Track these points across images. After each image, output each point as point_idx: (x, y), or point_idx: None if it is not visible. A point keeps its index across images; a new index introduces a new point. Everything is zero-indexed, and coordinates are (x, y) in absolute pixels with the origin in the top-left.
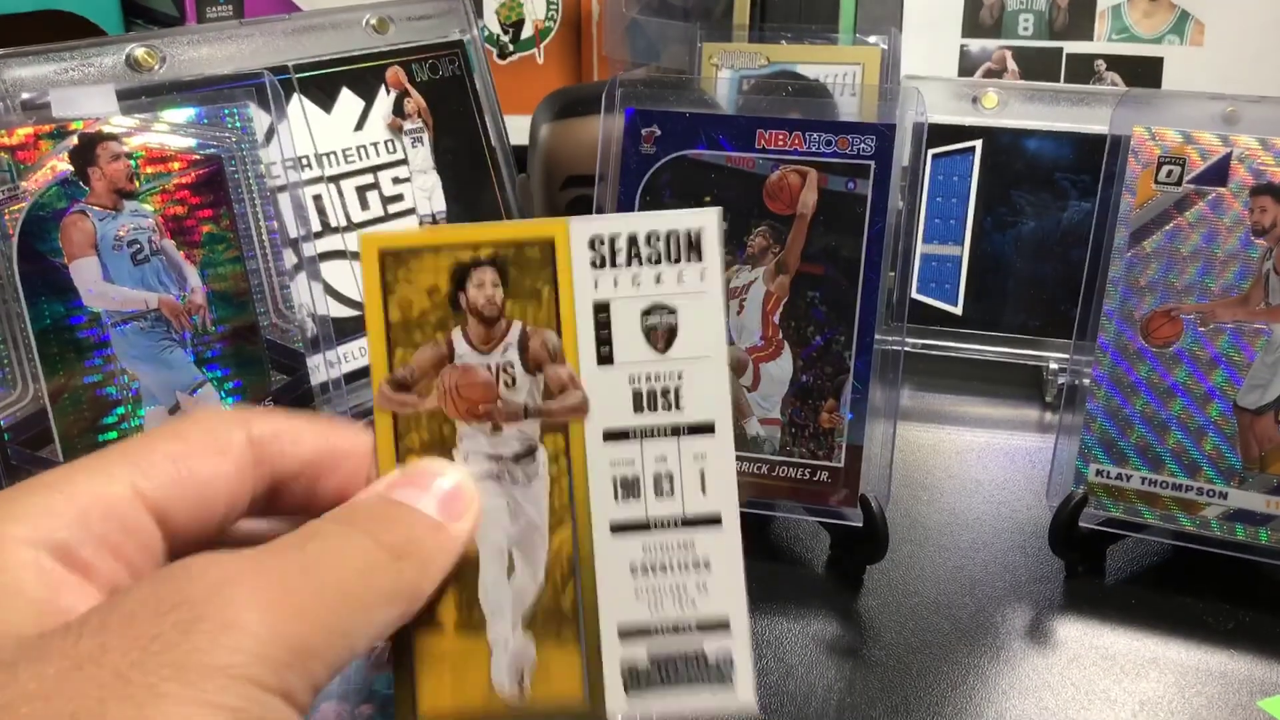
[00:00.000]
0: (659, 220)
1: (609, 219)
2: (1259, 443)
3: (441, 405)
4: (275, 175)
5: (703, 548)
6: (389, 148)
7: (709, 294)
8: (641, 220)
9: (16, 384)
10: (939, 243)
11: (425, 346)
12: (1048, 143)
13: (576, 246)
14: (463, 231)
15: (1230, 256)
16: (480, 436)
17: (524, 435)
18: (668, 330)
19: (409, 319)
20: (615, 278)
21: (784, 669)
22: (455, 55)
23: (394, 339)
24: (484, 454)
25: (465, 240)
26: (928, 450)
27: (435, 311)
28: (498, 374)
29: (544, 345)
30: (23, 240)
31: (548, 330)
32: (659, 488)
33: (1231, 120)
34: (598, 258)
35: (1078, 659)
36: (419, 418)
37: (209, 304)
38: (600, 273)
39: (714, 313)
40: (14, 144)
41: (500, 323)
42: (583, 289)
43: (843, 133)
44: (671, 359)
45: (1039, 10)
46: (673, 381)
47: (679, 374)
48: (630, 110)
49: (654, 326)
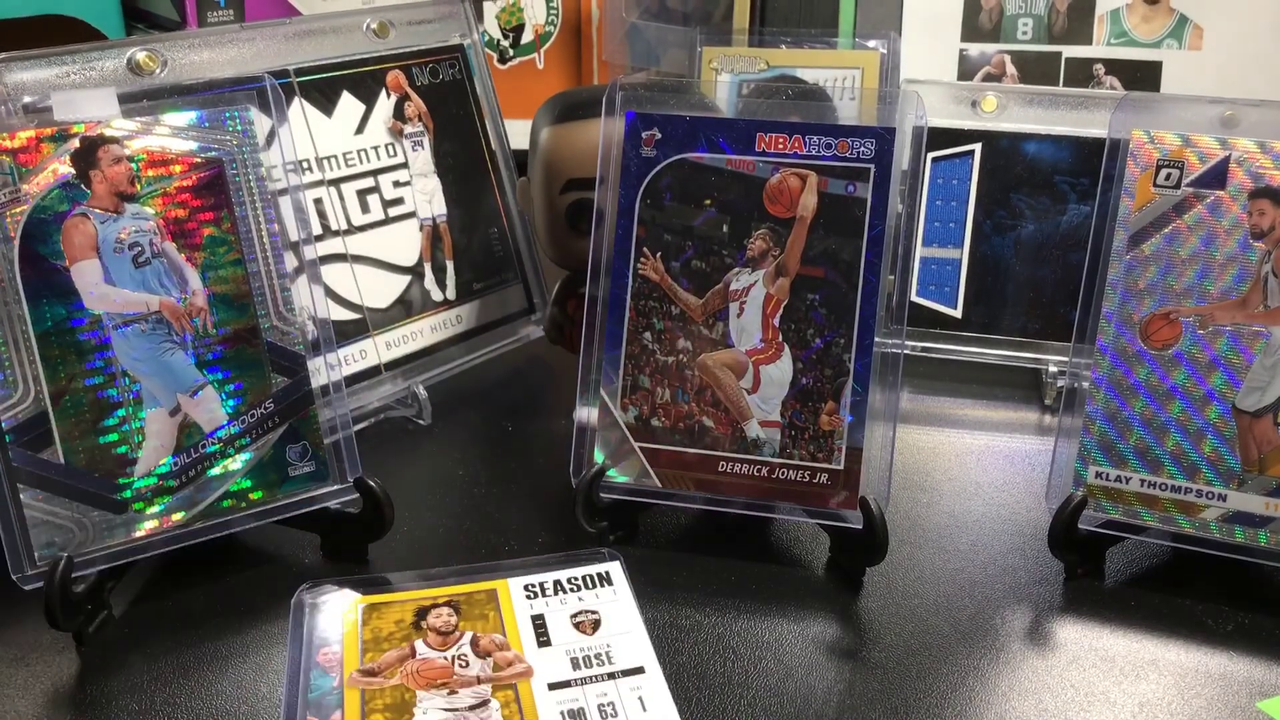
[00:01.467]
0: (575, 570)
1: (538, 575)
2: (1258, 445)
3: (404, 682)
4: (276, 178)
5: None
6: (389, 151)
7: (621, 599)
8: (563, 571)
9: (18, 386)
10: (938, 246)
11: (391, 651)
12: (1047, 146)
13: (515, 590)
14: (425, 591)
15: (1229, 259)
16: (438, 698)
17: (477, 693)
18: (593, 623)
19: (379, 637)
20: (546, 602)
21: (783, 671)
22: (456, 59)
23: (365, 648)
24: (440, 709)
25: (427, 594)
26: (927, 452)
27: (400, 631)
28: (454, 661)
29: (492, 641)
30: (24, 243)
31: (494, 634)
32: (603, 713)
33: (1230, 124)
34: (531, 594)
35: (1077, 660)
36: (384, 690)
37: (210, 306)
38: (534, 600)
39: (628, 608)
40: (15, 147)
41: (454, 634)
42: (521, 609)
43: (842, 136)
44: (599, 639)
45: (1038, 15)
46: (603, 649)
47: (607, 644)
48: (631, 113)
49: (580, 621)
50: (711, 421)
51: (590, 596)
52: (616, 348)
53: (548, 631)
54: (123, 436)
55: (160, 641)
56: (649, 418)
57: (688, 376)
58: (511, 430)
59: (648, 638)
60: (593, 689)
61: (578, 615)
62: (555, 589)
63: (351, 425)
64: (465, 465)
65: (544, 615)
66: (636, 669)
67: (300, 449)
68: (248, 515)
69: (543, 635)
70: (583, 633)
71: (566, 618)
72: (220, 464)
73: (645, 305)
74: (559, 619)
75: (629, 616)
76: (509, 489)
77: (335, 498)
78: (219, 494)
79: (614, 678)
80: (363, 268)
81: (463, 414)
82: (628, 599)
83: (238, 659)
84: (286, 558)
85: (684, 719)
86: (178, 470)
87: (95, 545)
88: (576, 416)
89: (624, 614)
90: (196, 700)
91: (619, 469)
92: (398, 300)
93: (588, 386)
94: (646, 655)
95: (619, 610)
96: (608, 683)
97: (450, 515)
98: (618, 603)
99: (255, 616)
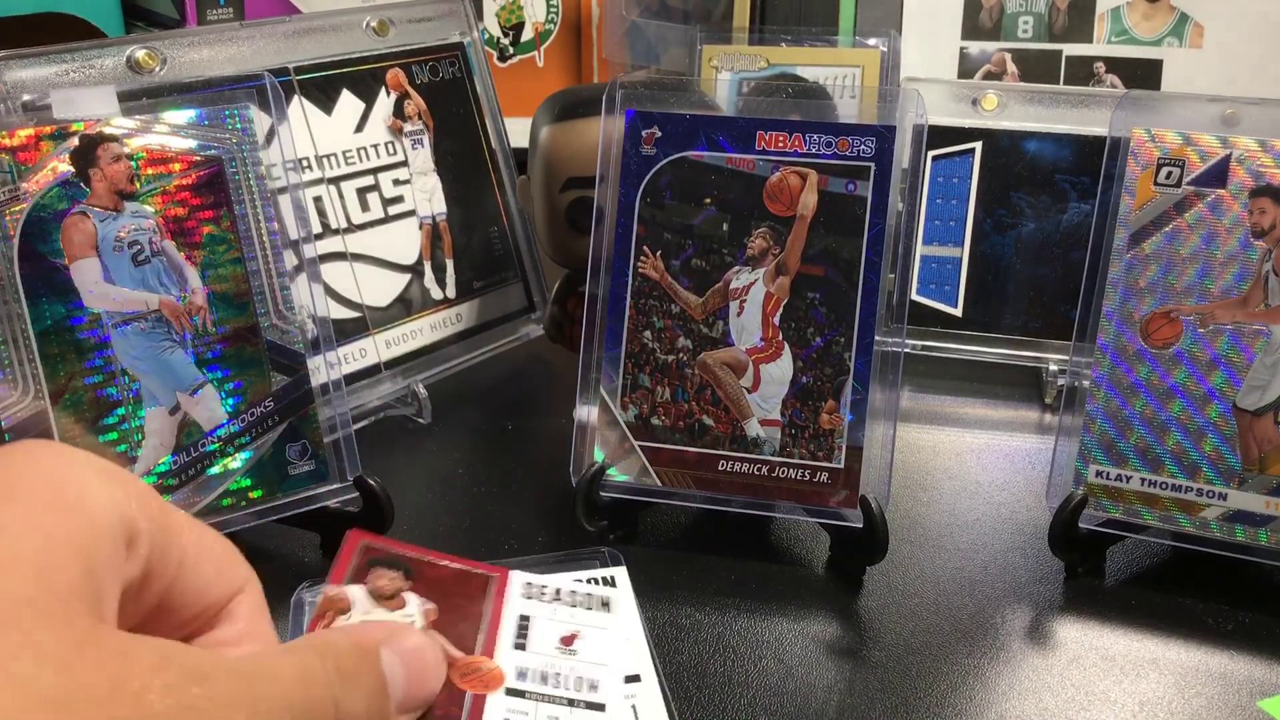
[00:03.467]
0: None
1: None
2: (1258, 444)
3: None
4: (276, 177)
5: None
6: (389, 149)
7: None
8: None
9: (17, 384)
10: (939, 244)
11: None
12: (1047, 145)
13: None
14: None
15: (1230, 258)
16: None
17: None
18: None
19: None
20: (539, 606)
21: (783, 670)
22: (455, 57)
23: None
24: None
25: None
26: (927, 451)
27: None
28: None
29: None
30: (24, 241)
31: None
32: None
33: (1231, 122)
34: (530, 594)
35: (1077, 660)
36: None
37: (209, 305)
38: (529, 601)
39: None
40: (15, 145)
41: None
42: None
43: (843, 134)
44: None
45: (1038, 13)
46: (572, 673)
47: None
48: (631, 112)
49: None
50: (711, 420)
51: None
52: (616, 346)
53: (528, 635)
54: (122, 435)
55: None
56: (649, 416)
57: (688, 375)
58: (511, 429)
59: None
60: (545, 708)
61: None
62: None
63: (351, 424)
64: (465, 464)
65: (531, 618)
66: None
67: (300, 448)
68: (247, 514)
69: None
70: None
71: (554, 629)
72: (220, 463)
73: (645, 304)
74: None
75: (618, 649)
76: (509, 488)
77: (335, 496)
78: (218, 493)
79: (573, 705)
80: (362, 266)
81: (463, 413)
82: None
83: None
84: (286, 557)
85: (684, 719)
86: (177, 469)
87: None
88: (576, 415)
89: (611, 645)
90: None
91: (619, 468)
92: (397, 299)
93: (588, 385)
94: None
95: (610, 639)
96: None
97: (450, 514)
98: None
99: None
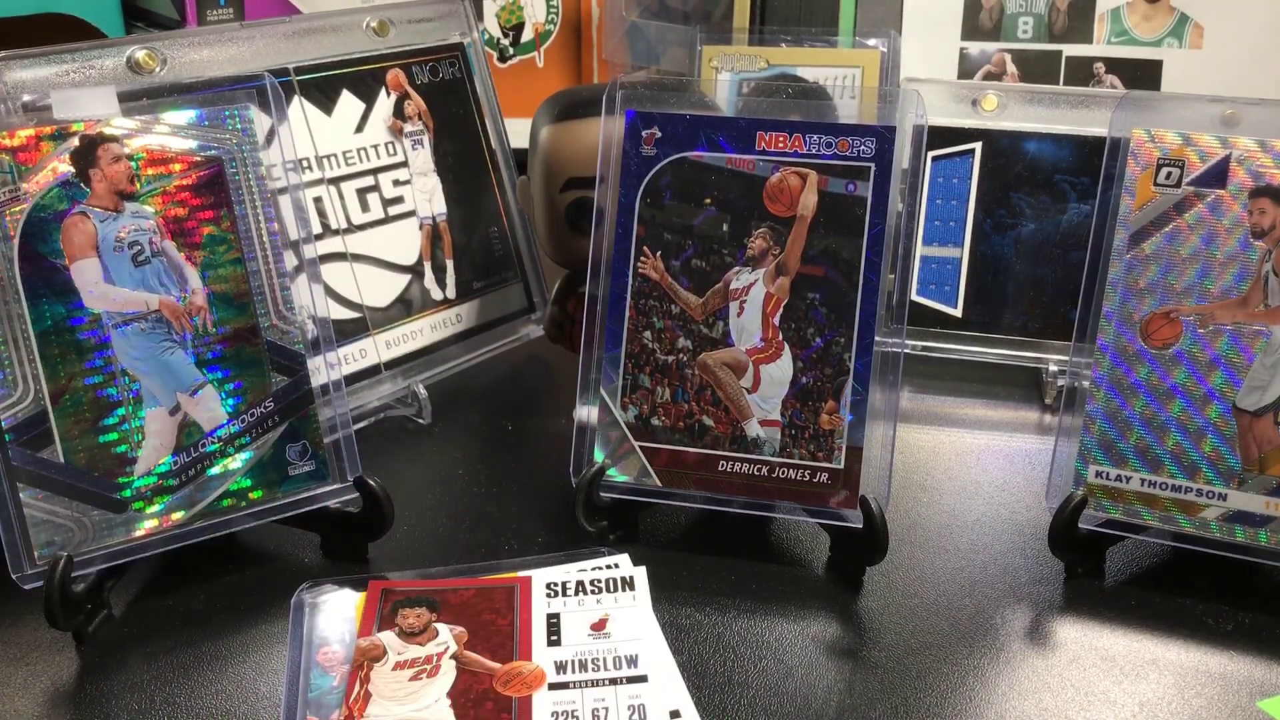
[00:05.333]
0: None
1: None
2: (1258, 444)
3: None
4: (276, 177)
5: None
6: (389, 150)
7: (639, 604)
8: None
9: (17, 385)
10: (939, 245)
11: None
12: (1047, 145)
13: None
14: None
15: (1229, 258)
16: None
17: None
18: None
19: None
20: (565, 601)
21: (783, 670)
22: (456, 58)
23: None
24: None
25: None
26: (927, 452)
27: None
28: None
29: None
30: (24, 241)
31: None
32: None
33: (1230, 122)
34: (552, 592)
35: (1077, 660)
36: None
37: (209, 305)
38: (553, 599)
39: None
40: (15, 145)
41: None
42: (539, 606)
43: (843, 135)
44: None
45: (1038, 13)
46: (610, 654)
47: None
48: (631, 112)
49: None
50: (711, 420)
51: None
52: (616, 347)
53: (560, 631)
54: (122, 435)
55: (160, 641)
56: (649, 417)
57: (688, 375)
58: (511, 429)
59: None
60: (590, 693)
61: (595, 618)
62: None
63: (351, 424)
64: (465, 465)
65: (559, 615)
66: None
67: (300, 448)
68: (247, 514)
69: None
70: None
71: (584, 618)
72: (220, 463)
73: (645, 304)
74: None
75: (645, 622)
76: (509, 488)
77: (335, 497)
78: (219, 493)
79: (616, 684)
80: (362, 266)
81: (463, 413)
82: (645, 600)
83: (238, 658)
84: (286, 557)
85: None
86: (177, 469)
87: (95, 544)
88: (576, 415)
89: (640, 619)
90: (196, 700)
91: (619, 468)
92: (397, 299)
93: (588, 385)
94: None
95: (635, 615)
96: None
97: (450, 514)
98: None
99: (255, 616)
